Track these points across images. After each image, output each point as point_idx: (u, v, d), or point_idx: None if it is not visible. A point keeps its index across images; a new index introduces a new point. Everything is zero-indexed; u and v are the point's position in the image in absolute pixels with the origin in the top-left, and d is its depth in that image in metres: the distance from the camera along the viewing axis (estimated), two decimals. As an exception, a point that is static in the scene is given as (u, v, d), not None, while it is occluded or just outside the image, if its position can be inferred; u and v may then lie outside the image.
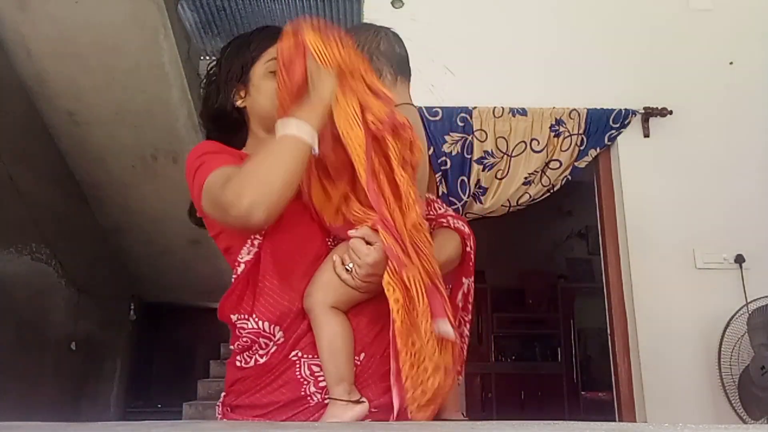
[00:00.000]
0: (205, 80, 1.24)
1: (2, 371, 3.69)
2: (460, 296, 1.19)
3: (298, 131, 0.97)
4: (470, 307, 1.21)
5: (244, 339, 1.06)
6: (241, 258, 1.07)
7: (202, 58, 5.45)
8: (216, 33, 5.56)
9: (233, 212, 0.94)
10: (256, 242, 1.06)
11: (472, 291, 1.21)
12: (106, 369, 5.15)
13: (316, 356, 1.02)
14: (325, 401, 1.00)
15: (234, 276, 1.08)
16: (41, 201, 3.93)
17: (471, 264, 1.19)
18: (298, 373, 1.03)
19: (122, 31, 3.28)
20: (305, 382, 1.02)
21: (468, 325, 1.22)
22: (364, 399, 0.98)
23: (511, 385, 5.64)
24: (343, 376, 0.99)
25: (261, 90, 1.16)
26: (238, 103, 1.18)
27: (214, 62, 1.24)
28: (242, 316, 1.06)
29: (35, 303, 4.15)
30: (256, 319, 1.04)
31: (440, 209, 1.24)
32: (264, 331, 1.04)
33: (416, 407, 0.93)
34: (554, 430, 0.66)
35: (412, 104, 1.28)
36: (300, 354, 1.03)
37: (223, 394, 1.14)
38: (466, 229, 1.19)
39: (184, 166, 1.12)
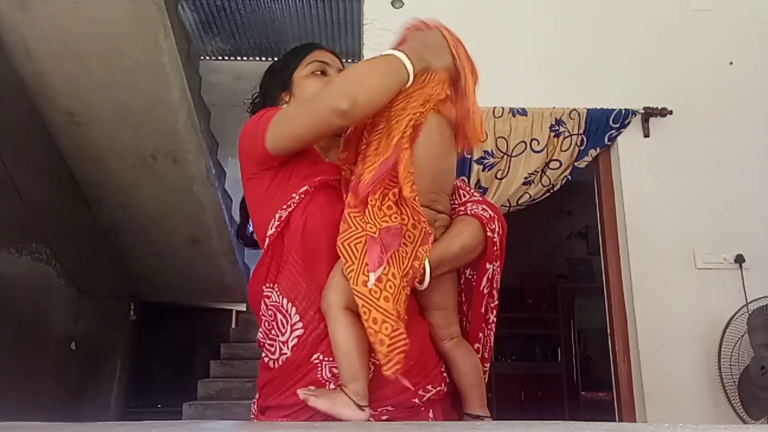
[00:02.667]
0: (249, 107, 1.32)
1: (2, 371, 3.69)
2: (485, 282, 1.16)
3: (400, 55, 1.07)
4: (496, 293, 1.19)
5: (269, 312, 1.10)
6: (268, 232, 1.12)
7: (202, 58, 5.46)
8: (216, 33, 5.56)
9: (322, 104, 1.02)
10: (283, 215, 1.10)
11: (497, 276, 1.18)
12: (106, 369, 5.14)
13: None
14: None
15: (262, 251, 1.14)
16: (41, 201, 3.93)
17: (495, 249, 1.15)
18: (319, 375, 1.06)
19: (122, 31, 3.28)
20: (327, 383, 1.05)
21: (494, 311, 1.19)
22: (367, 408, 0.99)
23: (511, 385, 5.65)
24: (357, 375, 1.00)
25: (304, 89, 1.24)
26: (283, 107, 1.25)
27: (257, 88, 1.34)
28: (269, 285, 1.11)
29: (35, 303, 4.15)
30: (278, 293, 1.09)
31: (464, 196, 1.22)
32: (282, 306, 1.08)
33: (382, 358, 0.94)
34: (554, 430, 0.66)
35: None
36: (321, 357, 1.06)
37: (256, 396, 1.17)
38: (487, 214, 1.15)
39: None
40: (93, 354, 4.89)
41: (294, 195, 1.11)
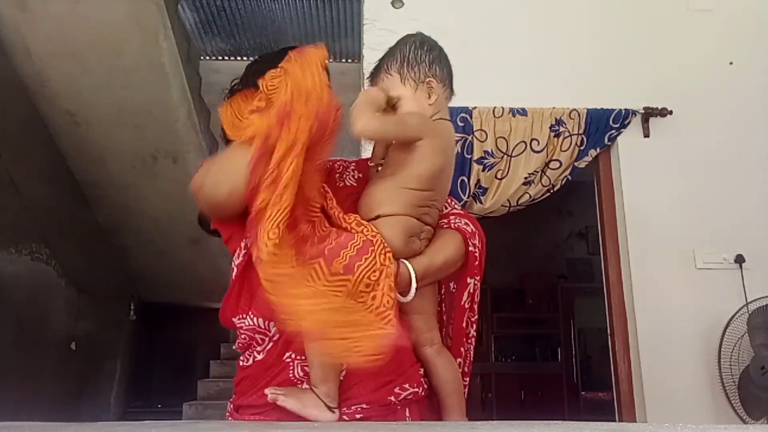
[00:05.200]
0: (228, 95, 1.25)
1: (2, 371, 3.69)
2: (465, 296, 1.17)
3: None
4: (476, 307, 1.19)
5: (243, 336, 1.09)
6: (234, 263, 1.10)
7: (202, 58, 5.46)
8: (216, 33, 5.56)
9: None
10: (246, 243, 1.07)
11: (477, 291, 1.18)
12: (106, 369, 5.15)
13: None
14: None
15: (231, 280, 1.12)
16: (41, 201, 3.93)
17: (476, 263, 1.16)
18: (291, 374, 1.05)
19: (122, 31, 3.28)
20: (299, 383, 1.04)
21: (474, 326, 1.20)
22: (337, 410, 0.99)
23: (511, 385, 5.65)
24: (329, 376, 1.00)
25: None
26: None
27: (238, 80, 1.25)
28: (241, 316, 1.09)
29: (35, 303, 4.15)
30: (252, 316, 1.07)
31: (446, 208, 1.22)
32: (259, 327, 1.07)
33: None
34: (554, 430, 0.66)
35: (448, 119, 1.22)
36: (293, 356, 1.05)
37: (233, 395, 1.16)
38: (469, 228, 1.17)
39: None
40: (93, 354, 4.89)
41: None
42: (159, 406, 5.48)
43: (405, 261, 1.06)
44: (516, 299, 6.02)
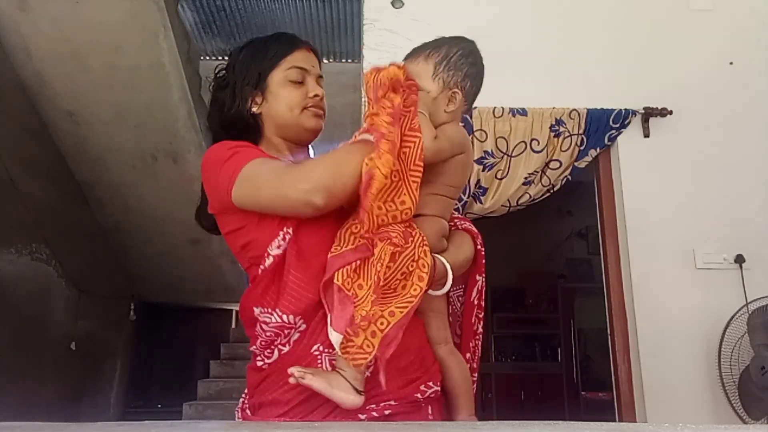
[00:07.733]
0: (214, 84, 1.23)
1: (2, 371, 3.69)
2: (474, 293, 1.21)
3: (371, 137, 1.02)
4: (483, 304, 1.23)
5: (268, 333, 1.05)
6: (271, 251, 1.05)
7: (202, 58, 5.46)
8: (216, 33, 5.57)
9: (295, 193, 0.98)
10: (287, 237, 1.05)
11: (483, 288, 1.23)
12: (106, 369, 5.15)
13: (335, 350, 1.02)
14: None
15: (261, 269, 1.06)
16: (41, 201, 3.93)
17: (483, 262, 1.22)
18: (319, 367, 1.03)
19: (122, 31, 3.28)
20: None
21: (481, 323, 1.23)
22: (363, 394, 0.98)
23: (511, 385, 5.65)
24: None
25: (279, 97, 1.18)
26: (254, 109, 1.18)
27: (224, 66, 1.22)
28: (266, 309, 1.05)
29: (35, 303, 4.16)
30: (280, 313, 1.04)
31: None
32: (288, 323, 1.04)
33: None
34: (554, 430, 0.66)
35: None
36: (321, 348, 1.03)
37: (242, 398, 1.14)
38: (474, 229, 1.23)
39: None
40: (93, 354, 4.89)
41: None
42: (159, 406, 5.48)
43: (438, 255, 1.11)
44: (516, 299, 6.02)
